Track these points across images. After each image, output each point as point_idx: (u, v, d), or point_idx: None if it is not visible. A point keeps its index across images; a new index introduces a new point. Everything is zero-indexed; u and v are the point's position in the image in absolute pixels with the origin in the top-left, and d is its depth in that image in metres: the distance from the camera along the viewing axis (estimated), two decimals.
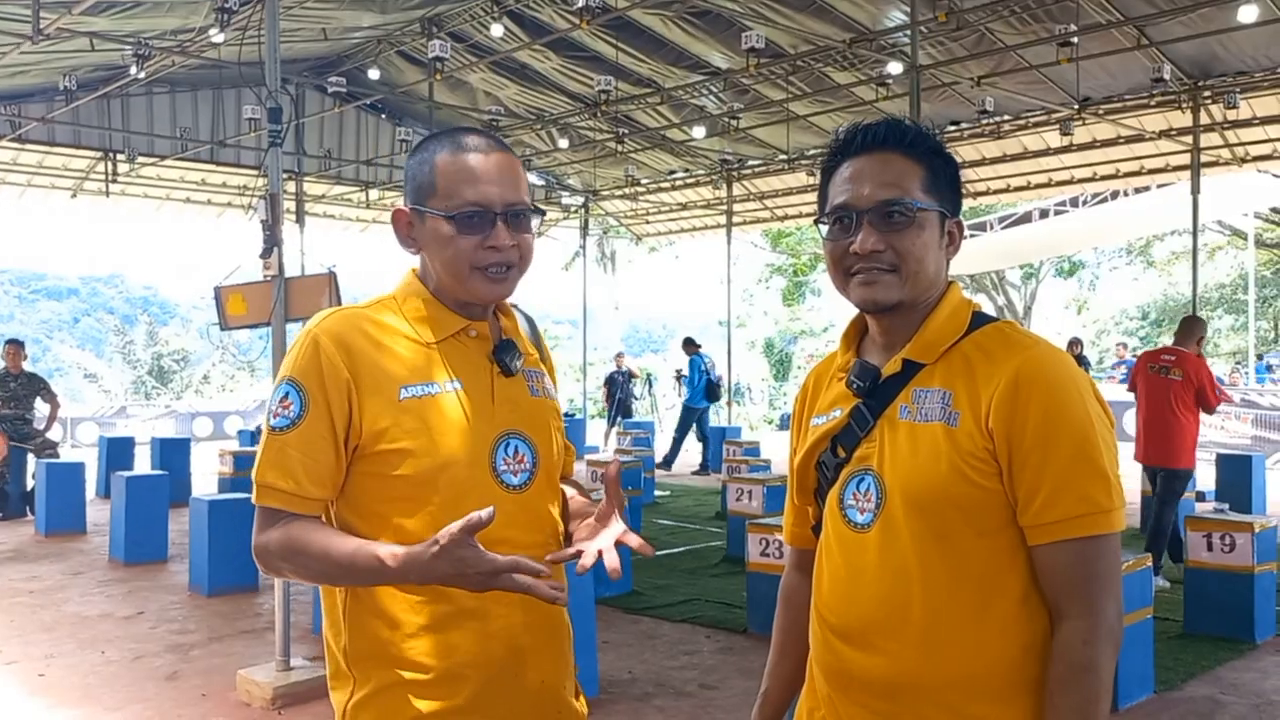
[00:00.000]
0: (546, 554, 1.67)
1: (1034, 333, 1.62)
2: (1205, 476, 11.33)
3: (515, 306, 1.87)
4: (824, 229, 1.63)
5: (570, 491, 1.86)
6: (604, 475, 1.71)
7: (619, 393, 17.19)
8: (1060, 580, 1.47)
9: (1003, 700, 1.48)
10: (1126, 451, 14.00)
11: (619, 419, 17.11)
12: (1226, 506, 7.38)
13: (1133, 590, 4.87)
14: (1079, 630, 1.45)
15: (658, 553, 8.45)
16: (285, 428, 1.60)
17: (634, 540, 1.65)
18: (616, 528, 1.66)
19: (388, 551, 1.51)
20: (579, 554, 1.62)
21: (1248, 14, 9.04)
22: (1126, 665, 4.83)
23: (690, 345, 15.28)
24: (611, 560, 1.61)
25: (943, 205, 1.59)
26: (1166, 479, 7.29)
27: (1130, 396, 16.49)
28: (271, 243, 5.27)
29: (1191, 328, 7.64)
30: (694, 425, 15.28)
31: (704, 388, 15.02)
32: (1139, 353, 26.14)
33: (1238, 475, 10.14)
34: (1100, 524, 1.46)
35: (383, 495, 1.62)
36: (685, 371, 15.52)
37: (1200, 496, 9.34)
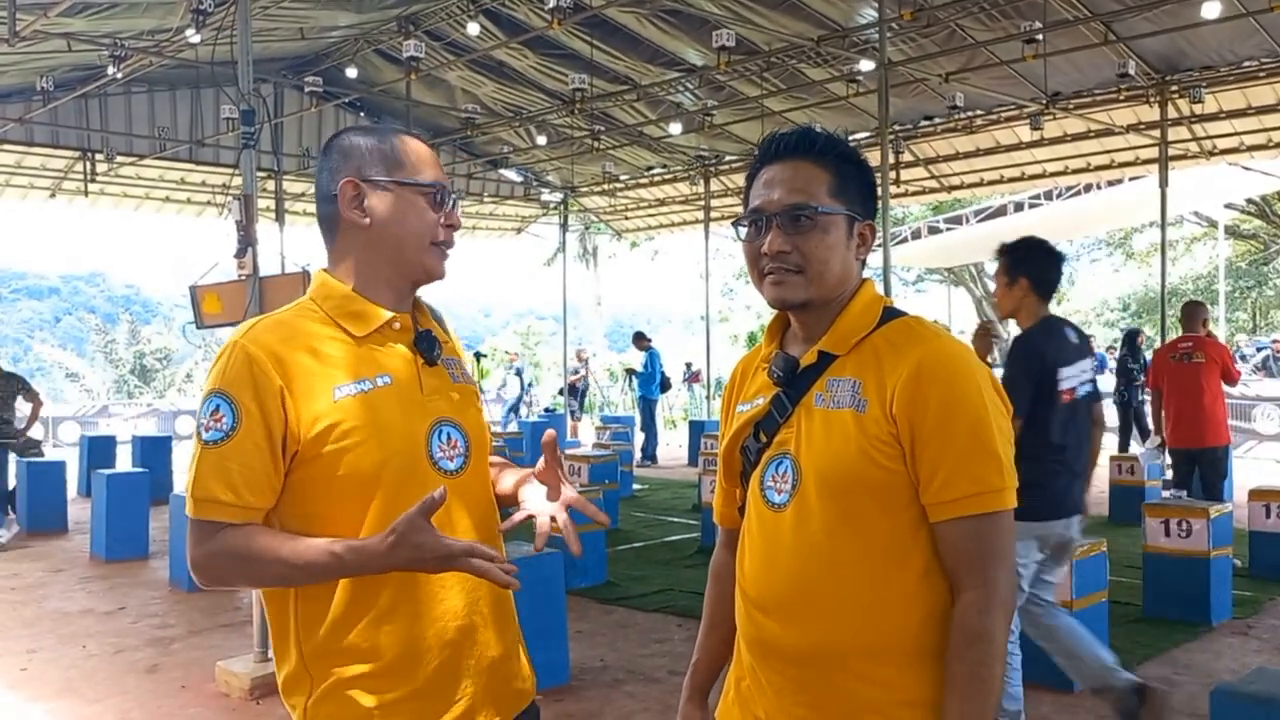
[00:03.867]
0: (485, 533, 1.76)
1: (938, 326, 1.75)
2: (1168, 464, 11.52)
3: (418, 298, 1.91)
4: (742, 231, 1.76)
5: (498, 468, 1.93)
6: (543, 441, 1.79)
7: (581, 385, 18.04)
8: (957, 554, 1.59)
9: (905, 665, 1.60)
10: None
11: (579, 410, 18.03)
12: (1184, 493, 7.54)
13: (1087, 573, 5.02)
14: (974, 601, 1.57)
15: (634, 544, 8.65)
16: (219, 440, 1.61)
17: (583, 504, 1.75)
18: (567, 493, 1.76)
19: (343, 547, 1.57)
20: (530, 518, 1.74)
21: (1211, 10, 9.19)
22: None
23: (642, 340, 16.23)
24: (564, 520, 1.72)
25: (850, 209, 1.70)
26: (1211, 460, 7.71)
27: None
28: (246, 242, 5.37)
29: (1194, 312, 8.06)
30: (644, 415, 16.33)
31: (661, 380, 15.88)
32: (1113, 345, 26.40)
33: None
34: (992, 502, 1.58)
35: (326, 496, 1.65)
36: (638, 368, 16.46)
37: (1167, 484, 9.52)
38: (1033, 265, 4.14)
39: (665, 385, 16.84)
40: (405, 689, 1.66)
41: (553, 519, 1.73)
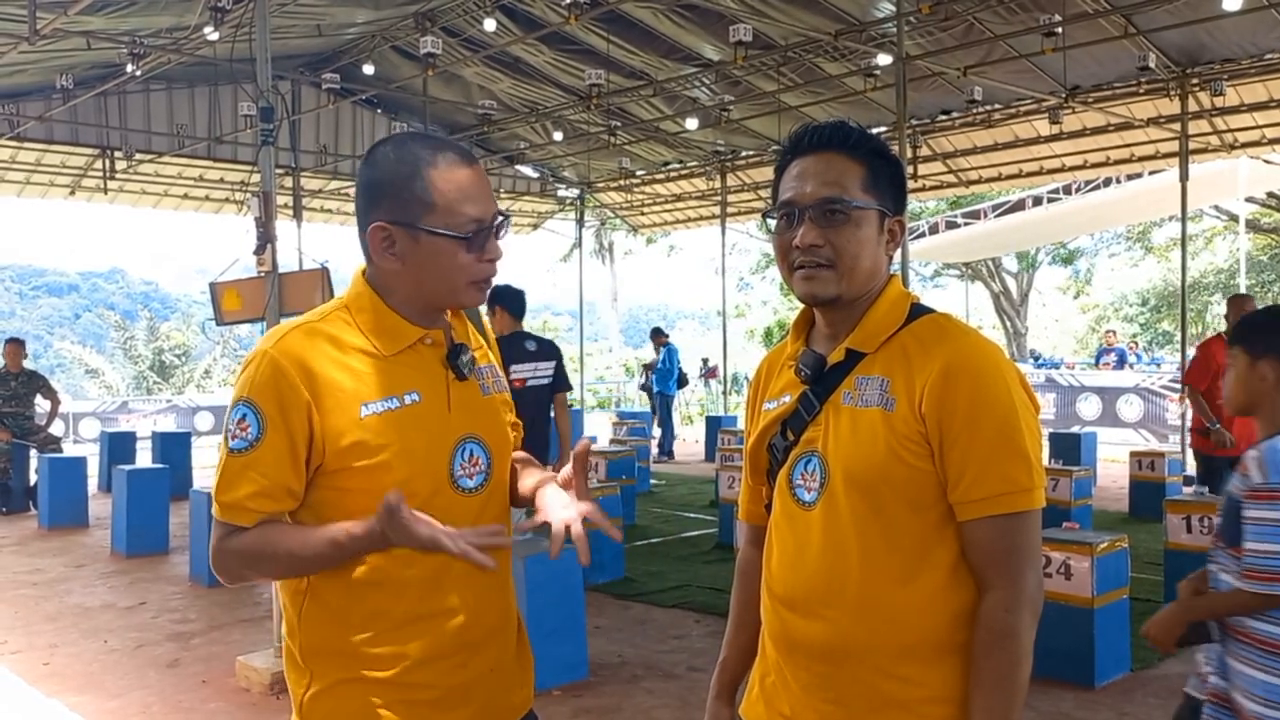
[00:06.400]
0: (501, 548, 1.72)
1: (966, 324, 1.74)
2: (1192, 461, 11.44)
3: None
4: (772, 223, 1.75)
5: (520, 464, 1.92)
6: (574, 451, 1.75)
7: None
8: (985, 553, 1.58)
9: (931, 663, 1.59)
10: (1117, 435, 13.93)
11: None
12: (1206, 489, 7.47)
13: (1108, 570, 4.99)
14: (1001, 599, 1.56)
15: (651, 540, 8.65)
16: (244, 450, 1.63)
17: (599, 517, 1.69)
18: (583, 504, 1.71)
19: (344, 535, 1.62)
20: (545, 524, 1.71)
21: (1232, 2, 9.12)
22: (1103, 644, 4.95)
23: (660, 335, 16.25)
24: (578, 531, 1.66)
25: (882, 204, 1.69)
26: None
27: (1117, 381, 16.30)
28: (265, 239, 5.39)
29: (1230, 307, 7.88)
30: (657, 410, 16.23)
31: (677, 376, 15.86)
32: (1135, 339, 26.25)
33: (1225, 459, 10.23)
34: (1021, 502, 1.57)
35: (346, 512, 1.65)
36: (656, 363, 16.30)
37: (1188, 480, 9.46)
38: (506, 298, 5.87)
39: (682, 381, 16.79)
40: (403, 698, 1.66)
41: (568, 528, 1.68)
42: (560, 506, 1.72)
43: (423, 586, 1.68)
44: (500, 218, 1.72)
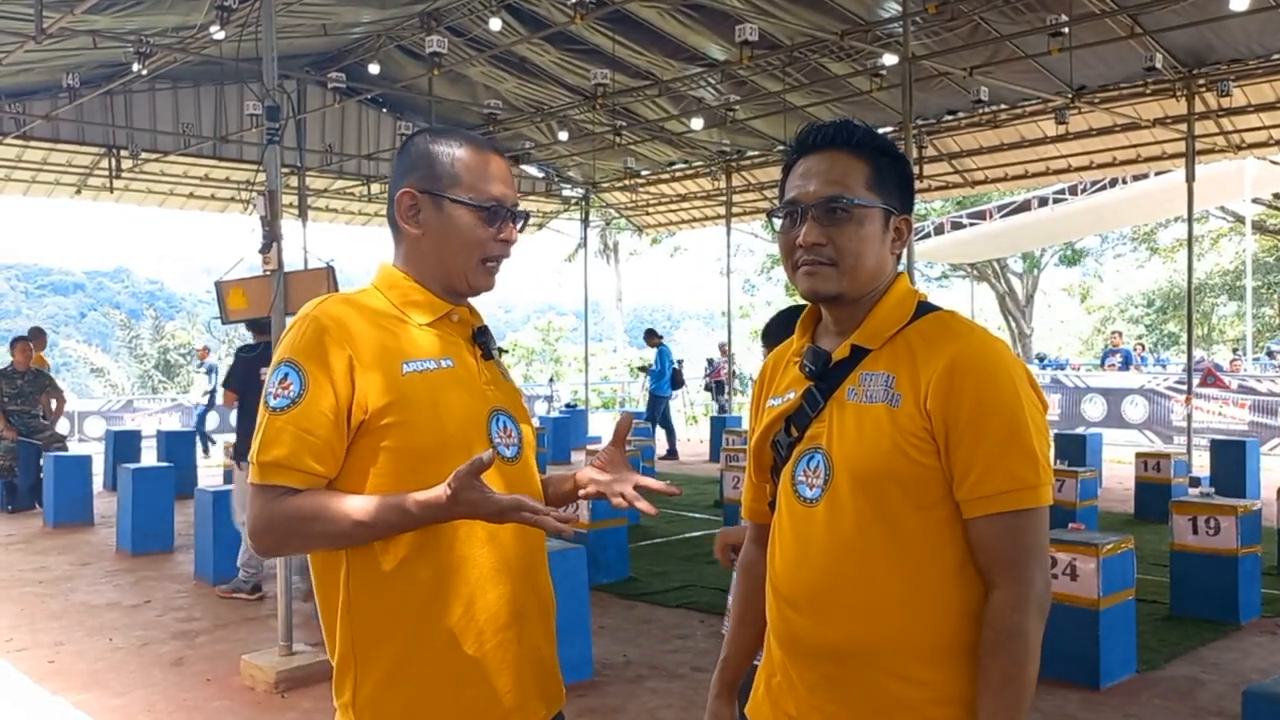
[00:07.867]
0: (573, 521, 1.76)
1: (973, 321, 1.73)
2: (1200, 461, 11.43)
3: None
4: (777, 222, 1.75)
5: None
6: (617, 425, 1.84)
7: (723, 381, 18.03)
8: (991, 551, 1.57)
9: (938, 663, 1.58)
10: (1122, 436, 13.89)
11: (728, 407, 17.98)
12: (1212, 490, 7.46)
13: (1114, 572, 4.98)
14: (1008, 598, 1.55)
15: (655, 540, 8.64)
16: (285, 408, 1.62)
17: (655, 483, 1.80)
18: (632, 475, 1.81)
19: (410, 502, 1.59)
20: (600, 494, 1.80)
21: (1239, 2, 9.10)
22: (1109, 645, 4.94)
23: (654, 337, 16.33)
24: (643, 502, 1.75)
25: (887, 202, 1.68)
26: None
27: (1122, 382, 16.26)
28: (270, 238, 5.38)
29: None
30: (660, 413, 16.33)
31: (671, 377, 15.83)
32: (1140, 340, 26.19)
33: (1232, 460, 10.23)
34: (1028, 499, 1.56)
35: (387, 471, 1.65)
36: (650, 364, 16.44)
37: (1194, 482, 9.44)
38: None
39: (677, 382, 16.81)
40: (461, 669, 1.66)
41: (622, 494, 1.77)
42: (611, 480, 1.82)
43: (478, 558, 1.68)
44: (519, 208, 1.82)
